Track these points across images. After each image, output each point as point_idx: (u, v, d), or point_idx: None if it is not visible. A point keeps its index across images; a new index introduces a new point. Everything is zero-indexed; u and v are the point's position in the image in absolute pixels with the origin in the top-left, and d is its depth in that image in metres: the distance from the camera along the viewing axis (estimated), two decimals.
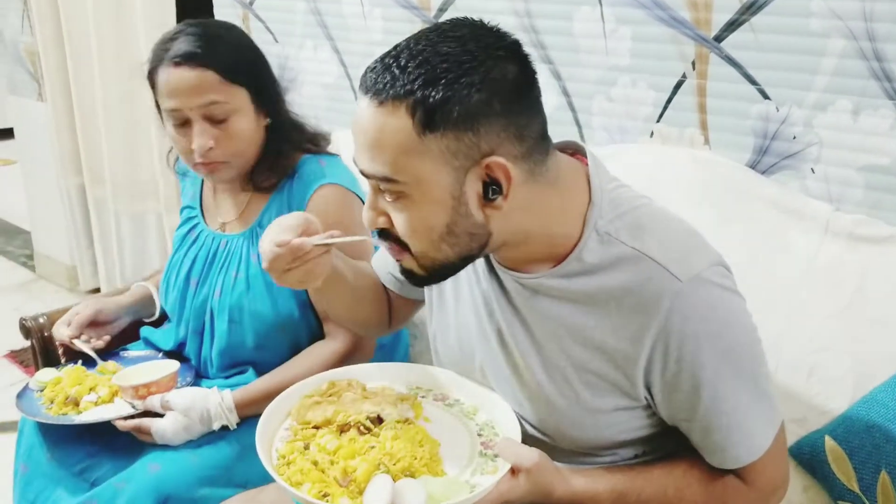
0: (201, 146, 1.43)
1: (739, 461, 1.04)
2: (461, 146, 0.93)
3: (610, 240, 1.01)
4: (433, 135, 0.92)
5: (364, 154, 0.96)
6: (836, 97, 1.38)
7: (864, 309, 1.29)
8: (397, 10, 1.97)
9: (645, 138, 1.62)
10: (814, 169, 1.43)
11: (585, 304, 1.03)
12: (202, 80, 1.41)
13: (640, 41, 1.57)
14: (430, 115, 0.91)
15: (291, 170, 1.53)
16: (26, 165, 3.57)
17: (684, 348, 0.98)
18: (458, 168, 0.94)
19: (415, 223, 0.97)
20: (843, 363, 1.28)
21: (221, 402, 1.42)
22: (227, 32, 1.49)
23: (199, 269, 1.59)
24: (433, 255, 1.00)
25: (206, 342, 1.60)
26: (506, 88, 0.93)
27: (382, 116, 0.92)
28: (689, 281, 0.97)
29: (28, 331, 1.74)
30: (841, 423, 1.24)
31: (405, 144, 0.92)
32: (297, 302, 1.52)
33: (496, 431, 1.12)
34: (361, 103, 0.95)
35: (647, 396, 1.04)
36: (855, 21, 1.32)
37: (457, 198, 0.95)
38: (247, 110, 1.46)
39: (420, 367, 1.25)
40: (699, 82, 1.52)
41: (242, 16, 2.35)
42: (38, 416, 1.47)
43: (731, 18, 1.45)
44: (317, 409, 1.13)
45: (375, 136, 0.94)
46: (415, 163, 0.93)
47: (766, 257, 1.37)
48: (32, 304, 3.36)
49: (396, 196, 0.96)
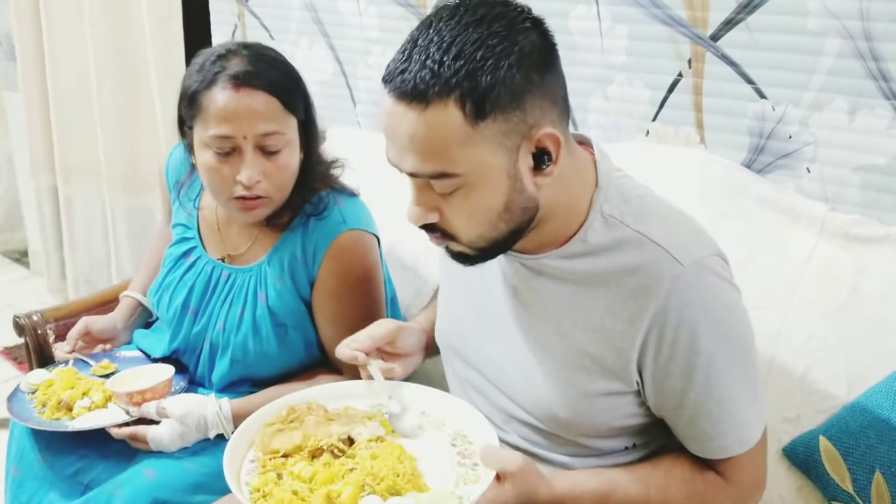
0: (251, 178, 1.33)
1: (727, 451, 1.05)
2: (510, 126, 0.94)
3: (614, 223, 1.04)
4: (485, 122, 0.93)
5: (411, 157, 0.95)
6: (832, 97, 1.37)
7: (860, 308, 1.29)
8: (393, 7, 1.96)
9: (641, 137, 1.62)
10: (809, 168, 1.43)
11: (587, 284, 1.04)
12: (267, 105, 1.32)
13: (636, 39, 1.57)
14: (480, 104, 0.92)
15: (309, 205, 1.46)
16: (18, 160, 3.55)
17: (680, 332, 0.99)
18: (510, 147, 0.96)
19: (474, 209, 0.98)
20: (838, 363, 1.28)
21: (219, 410, 1.39)
22: (275, 55, 1.39)
23: (198, 299, 1.53)
24: (489, 236, 1.01)
25: (202, 367, 1.55)
26: (537, 59, 0.95)
27: (431, 117, 0.92)
28: (691, 266, 0.99)
29: (22, 328, 1.73)
30: (835, 423, 1.24)
31: (459, 138, 0.93)
32: (303, 342, 1.49)
33: (469, 440, 1.11)
34: (398, 108, 0.94)
35: (639, 381, 1.05)
36: (852, 20, 1.32)
37: (512, 176, 0.97)
38: (294, 144, 1.38)
39: (379, 382, 1.19)
40: (695, 81, 1.52)
41: (238, 12, 2.34)
42: (31, 422, 1.44)
43: (728, 17, 1.45)
44: (281, 437, 1.10)
45: (426, 138, 0.93)
46: (471, 153, 0.94)
47: (762, 256, 1.37)
48: (26, 301, 3.35)
49: (454, 188, 0.97)
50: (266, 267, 1.47)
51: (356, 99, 2.13)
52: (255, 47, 1.39)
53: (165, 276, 1.58)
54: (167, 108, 2.57)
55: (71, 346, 1.61)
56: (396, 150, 0.97)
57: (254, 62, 1.33)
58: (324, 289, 1.45)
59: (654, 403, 1.06)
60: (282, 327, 1.47)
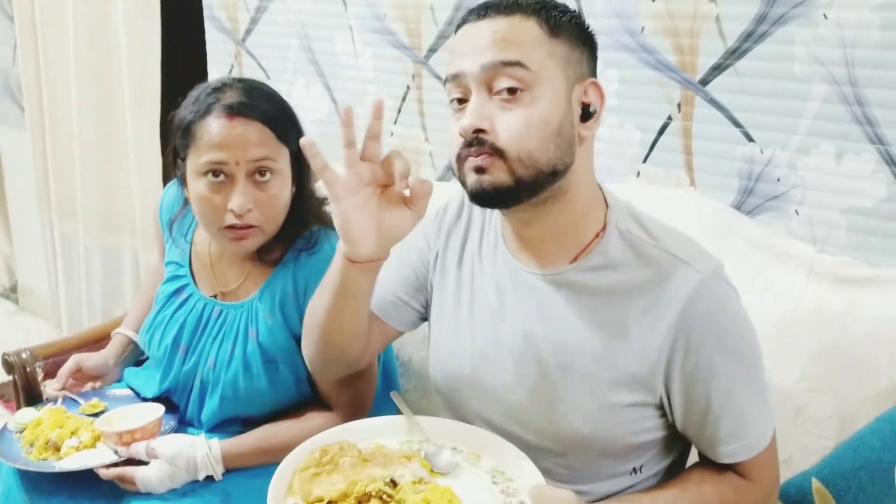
0: (242, 206, 1.34)
1: (752, 450, 1.09)
2: (573, 58, 1.06)
3: (631, 237, 1.09)
4: (558, 40, 1.05)
5: (489, 50, 1.03)
6: (819, 140, 1.40)
7: (849, 350, 1.30)
8: (388, 49, 1.99)
9: (632, 178, 1.64)
10: (798, 210, 1.44)
11: (608, 297, 1.08)
12: (260, 133, 1.35)
13: (627, 83, 1.60)
14: (556, 26, 1.05)
15: (300, 240, 1.47)
16: (11, 197, 3.56)
17: (705, 336, 1.04)
18: (569, 77, 1.05)
19: (534, 118, 1.03)
20: (828, 404, 1.28)
21: (209, 451, 1.38)
22: (268, 90, 1.43)
23: (189, 336, 1.52)
24: (537, 156, 1.03)
25: (192, 405, 1.54)
26: (584, 31, 1.09)
27: (515, 21, 1.04)
28: (708, 274, 1.05)
29: (10, 366, 1.72)
30: (827, 465, 1.25)
31: (538, 40, 1.04)
32: (294, 378, 1.48)
33: (508, 476, 1.10)
34: (479, 23, 1.05)
35: (664, 393, 1.08)
36: (837, 67, 1.35)
37: (567, 104, 1.05)
38: (286, 174, 1.40)
39: (406, 417, 1.20)
40: (685, 124, 1.54)
41: (235, 52, 2.37)
42: (18, 462, 1.42)
43: (716, 62, 1.48)
44: (321, 482, 1.08)
45: (506, 33, 1.03)
46: (544, 57, 1.03)
47: (752, 298, 1.38)
48: (15, 337, 3.33)
49: (519, 89, 1.03)
50: (257, 303, 1.47)
51: None
52: (249, 82, 1.43)
53: (157, 313, 1.58)
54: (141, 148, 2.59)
55: (61, 383, 1.60)
56: (472, 53, 1.04)
57: (247, 94, 1.37)
58: None
59: (682, 413, 1.09)
60: (272, 364, 1.46)
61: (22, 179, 3.41)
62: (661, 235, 1.10)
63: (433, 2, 1.88)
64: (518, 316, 1.15)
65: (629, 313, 1.07)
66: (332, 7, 2.08)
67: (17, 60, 3.24)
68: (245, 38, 2.33)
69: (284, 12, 2.20)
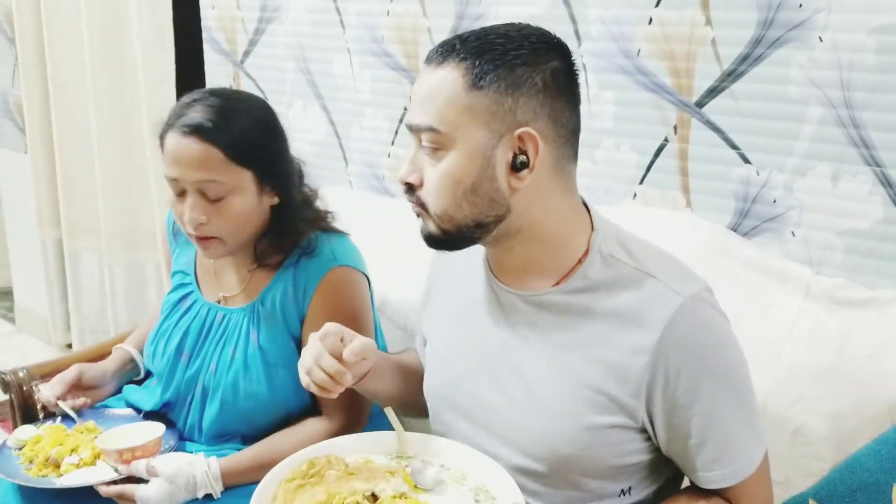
0: (192, 220, 1.39)
1: (739, 475, 1.07)
2: (500, 110, 1.02)
3: (613, 261, 1.09)
4: (479, 93, 1.02)
5: (417, 108, 1.06)
6: (815, 162, 1.41)
7: (846, 371, 1.30)
8: (386, 71, 2.01)
9: (628, 200, 1.65)
10: (794, 232, 1.45)
11: (588, 320, 1.08)
12: (206, 156, 1.36)
13: (623, 105, 1.61)
14: (480, 76, 1.02)
15: (299, 247, 1.49)
16: (8, 218, 3.56)
17: (686, 361, 1.03)
18: (493, 130, 1.03)
19: (444, 176, 1.05)
20: (825, 425, 1.28)
21: (208, 470, 1.38)
22: (246, 108, 1.43)
23: (193, 342, 1.54)
24: (452, 213, 1.06)
25: (193, 413, 1.55)
26: (549, 71, 1.04)
27: (440, 72, 1.04)
28: (689, 297, 1.04)
29: (7, 385, 1.72)
30: (824, 486, 1.24)
31: (453, 97, 1.03)
32: (293, 382, 1.45)
33: (492, 495, 1.10)
34: (425, 71, 1.07)
35: (646, 418, 1.07)
36: (833, 89, 1.36)
37: (487, 158, 1.04)
38: (247, 191, 1.40)
39: (395, 434, 1.21)
40: (681, 146, 1.55)
41: (233, 74, 2.39)
42: (18, 478, 1.42)
43: (712, 85, 1.49)
44: (304, 494, 1.09)
45: (430, 90, 1.04)
46: (459, 116, 1.03)
47: (748, 319, 1.38)
48: (11, 358, 3.32)
49: (435, 148, 1.05)
50: (259, 306, 1.49)
51: (349, 159, 2.16)
52: (225, 96, 1.42)
53: (162, 322, 1.60)
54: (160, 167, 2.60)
55: (58, 390, 1.56)
56: (411, 106, 1.08)
57: (211, 113, 1.37)
58: (313, 325, 1.43)
59: (666, 438, 1.08)
60: (272, 367, 1.47)
61: (20, 200, 3.42)
62: (643, 258, 1.09)
63: (431, 24, 1.89)
64: (500, 336, 1.15)
65: (609, 336, 1.06)
66: (331, 29, 2.09)
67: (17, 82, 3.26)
68: (243, 59, 2.35)
69: (283, 34, 2.22)
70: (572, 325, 1.09)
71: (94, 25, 2.70)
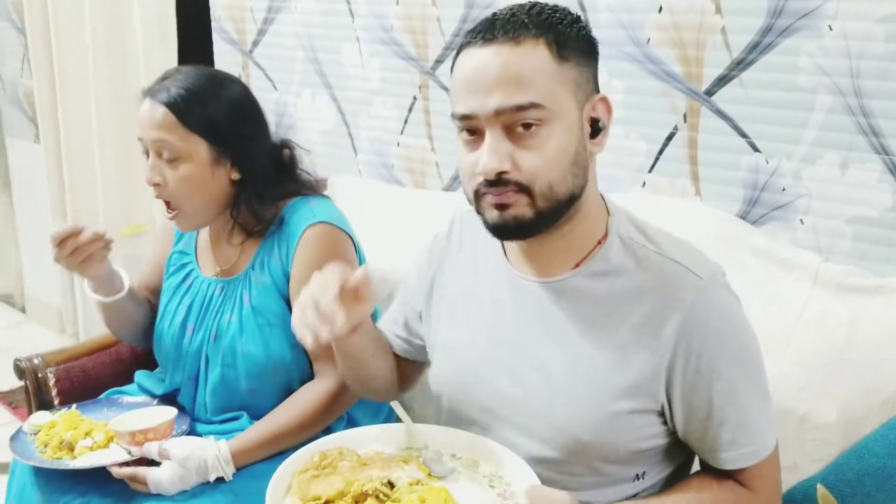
0: (149, 178, 1.49)
1: (754, 457, 1.08)
2: (583, 78, 1.05)
3: (632, 244, 1.10)
4: (568, 64, 1.03)
5: (500, 91, 1.01)
6: (824, 151, 1.41)
7: (854, 358, 1.30)
8: (395, 60, 2.01)
9: (637, 188, 1.65)
10: (803, 220, 1.46)
11: (609, 304, 1.09)
12: (162, 118, 1.45)
13: (632, 94, 1.61)
14: (565, 47, 1.03)
15: (280, 213, 1.56)
16: (20, 207, 3.58)
17: (706, 342, 1.04)
18: (580, 101, 1.05)
19: (552, 150, 1.03)
20: (833, 411, 1.29)
21: (219, 453, 1.40)
22: (214, 84, 1.51)
23: (196, 316, 1.60)
24: (557, 188, 1.04)
25: (200, 387, 1.60)
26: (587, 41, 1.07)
27: (522, 51, 1.01)
28: (709, 279, 1.06)
29: (22, 371, 1.74)
30: (832, 471, 1.26)
31: (548, 70, 1.02)
32: (288, 343, 1.53)
33: (506, 481, 1.11)
34: (487, 51, 1.02)
35: (665, 400, 1.08)
36: (842, 78, 1.37)
37: (580, 129, 1.05)
38: (198, 160, 1.48)
39: (406, 426, 1.22)
40: (690, 135, 1.56)
41: (242, 63, 2.39)
42: (32, 460, 1.46)
43: (722, 73, 1.49)
44: (319, 483, 1.10)
45: (517, 69, 1.01)
46: (558, 89, 1.02)
47: (757, 307, 1.39)
48: (22, 347, 3.34)
49: (537, 125, 1.02)
50: (250, 272, 1.56)
51: (357, 148, 2.17)
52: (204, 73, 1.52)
53: (166, 304, 1.65)
54: None
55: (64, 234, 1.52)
56: (481, 91, 1.02)
57: (180, 83, 1.47)
58: (298, 280, 1.51)
59: (683, 419, 1.09)
60: (266, 327, 1.52)
61: (31, 190, 3.44)
62: (661, 241, 1.11)
63: (440, 13, 1.90)
64: (518, 325, 1.16)
65: (630, 320, 1.07)
66: (339, 19, 2.10)
67: (26, 72, 3.27)
68: (252, 49, 2.36)
69: (291, 24, 2.22)
70: (593, 311, 1.10)
71: (97, 17, 2.70)
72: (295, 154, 1.63)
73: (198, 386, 1.60)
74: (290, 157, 1.62)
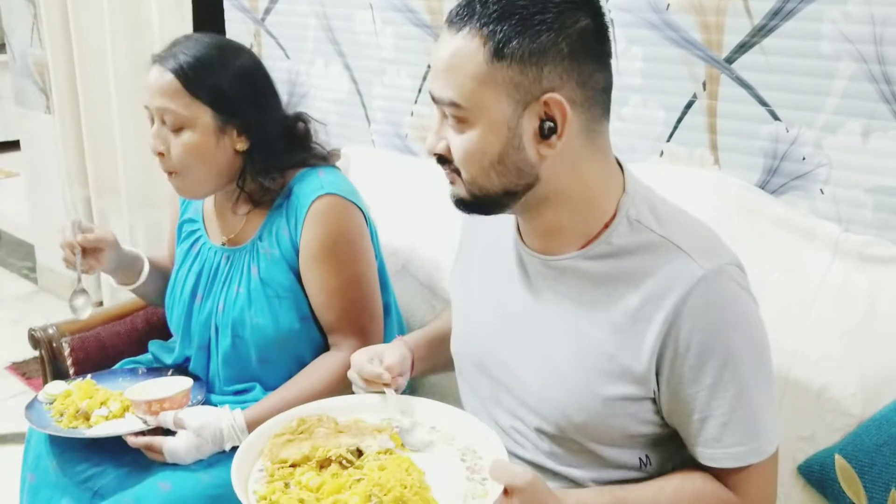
0: (153, 146, 1.48)
1: (739, 459, 1.05)
2: (524, 80, 0.99)
3: (639, 227, 1.07)
4: (500, 64, 0.98)
5: (438, 79, 1.03)
6: (845, 119, 1.39)
7: (874, 328, 1.30)
8: (409, 27, 1.99)
9: (655, 158, 1.64)
10: (823, 190, 1.44)
11: (609, 286, 1.07)
12: (167, 85, 1.45)
13: (651, 61, 1.59)
14: (501, 46, 0.98)
15: (288, 184, 1.54)
16: (31, 177, 3.58)
17: (697, 334, 1.01)
18: (518, 101, 1.00)
19: (470, 148, 1.03)
20: (852, 381, 1.29)
21: (234, 423, 1.41)
22: (223, 52, 1.49)
23: (204, 284, 1.60)
24: (481, 182, 1.05)
25: (212, 357, 1.60)
26: (576, 34, 0.99)
27: (459, 42, 1.00)
28: (712, 271, 1.02)
29: (37, 341, 1.74)
30: (851, 442, 1.25)
31: (474, 71, 0.99)
32: (297, 315, 1.53)
33: (479, 455, 1.11)
34: (444, 34, 1.02)
35: (655, 387, 1.06)
36: (865, 45, 1.34)
37: (512, 129, 1.01)
38: (204, 128, 1.47)
39: (391, 396, 1.22)
40: (710, 103, 1.54)
41: (254, 31, 2.37)
42: (48, 428, 1.47)
43: (742, 40, 1.47)
44: (290, 447, 1.10)
45: (449, 61, 1.01)
46: (480, 90, 0.99)
47: (777, 277, 1.38)
48: (33, 317, 3.36)
49: (458, 121, 1.02)
50: (258, 242, 1.55)
51: (371, 118, 2.15)
52: (214, 41, 1.50)
53: (178, 270, 1.66)
54: None
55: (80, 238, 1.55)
56: (433, 74, 1.05)
57: (189, 49, 1.46)
58: (307, 253, 1.51)
59: (667, 409, 1.07)
60: (274, 299, 1.52)
61: (39, 160, 3.43)
62: (671, 226, 1.07)
63: None
64: (523, 299, 1.15)
65: (627, 304, 1.05)
66: None
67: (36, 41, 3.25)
68: (264, 17, 2.33)
69: None
70: (592, 291, 1.08)
71: None
72: (310, 128, 1.61)
73: (210, 356, 1.61)
74: (305, 131, 1.60)
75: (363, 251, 1.54)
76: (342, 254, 1.51)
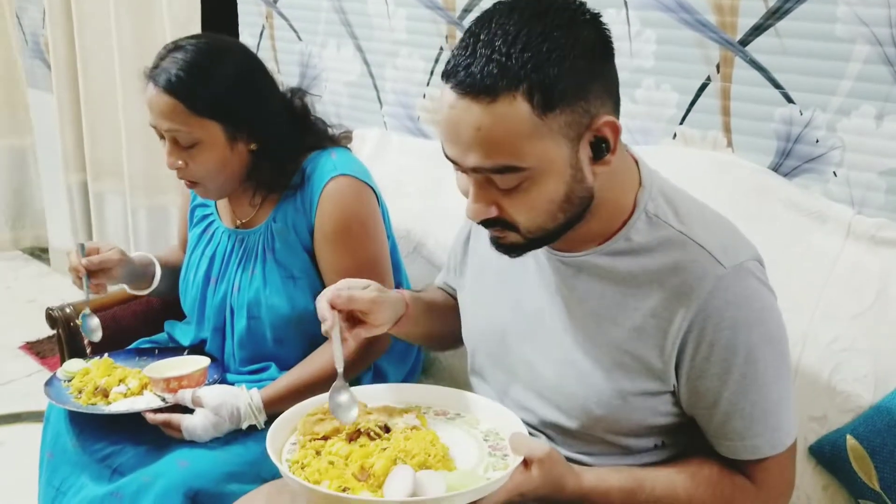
0: (169, 164, 1.49)
1: (758, 452, 1.06)
2: (575, 117, 0.95)
3: (658, 222, 1.06)
4: (553, 114, 0.94)
5: (476, 152, 0.95)
6: (859, 102, 1.39)
7: (886, 311, 1.30)
8: (421, 10, 1.99)
9: (668, 140, 1.64)
10: (836, 172, 1.44)
11: (627, 284, 1.06)
12: (170, 108, 1.43)
13: (664, 44, 1.59)
14: (549, 96, 0.92)
15: (301, 166, 1.55)
16: (42, 158, 3.59)
17: (720, 332, 1.01)
18: (573, 138, 0.96)
19: (536, 202, 0.99)
20: (864, 363, 1.29)
21: (251, 402, 1.43)
22: (213, 58, 1.47)
23: (218, 267, 1.62)
24: (546, 226, 1.02)
25: (227, 339, 1.62)
26: (597, 49, 0.97)
27: (499, 110, 0.93)
28: (733, 268, 1.02)
29: (55, 320, 1.76)
30: (862, 422, 1.26)
31: (527, 131, 0.94)
32: (312, 295, 1.53)
33: (501, 437, 1.13)
34: (462, 103, 0.94)
35: (675, 380, 1.06)
36: (880, 27, 1.34)
37: (573, 166, 0.98)
38: (215, 142, 1.47)
39: (419, 386, 1.28)
40: (723, 85, 1.54)
41: (266, 13, 2.37)
42: (68, 405, 1.49)
43: (757, 23, 1.47)
44: (323, 424, 1.15)
45: (493, 132, 0.94)
46: (538, 146, 0.95)
47: (789, 259, 1.39)
48: (47, 297, 3.38)
49: (518, 182, 0.97)
50: (272, 224, 1.56)
51: (383, 100, 2.15)
52: (193, 49, 1.46)
53: (191, 254, 1.67)
54: None
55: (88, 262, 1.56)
56: (459, 146, 0.97)
57: (178, 66, 1.44)
58: (322, 234, 1.52)
59: (687, 401, 1.07)
60: (289, 279, 1.54)
61: (50, 142, 3.44)
62: (691, 220, 1.06)
63: None
64: (540, 295, 1.15)
65: (647, 302, 1.04)
66: None
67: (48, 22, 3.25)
68: None
69: None
70: (610, 288, 1.08)
71: None
72: (306, 102, 1.60)
73: (224, 337, 1.62)
74: (303, 107, 1.60)
75: (376, 232, 1.55)
76: (355, 234, 1.52)
